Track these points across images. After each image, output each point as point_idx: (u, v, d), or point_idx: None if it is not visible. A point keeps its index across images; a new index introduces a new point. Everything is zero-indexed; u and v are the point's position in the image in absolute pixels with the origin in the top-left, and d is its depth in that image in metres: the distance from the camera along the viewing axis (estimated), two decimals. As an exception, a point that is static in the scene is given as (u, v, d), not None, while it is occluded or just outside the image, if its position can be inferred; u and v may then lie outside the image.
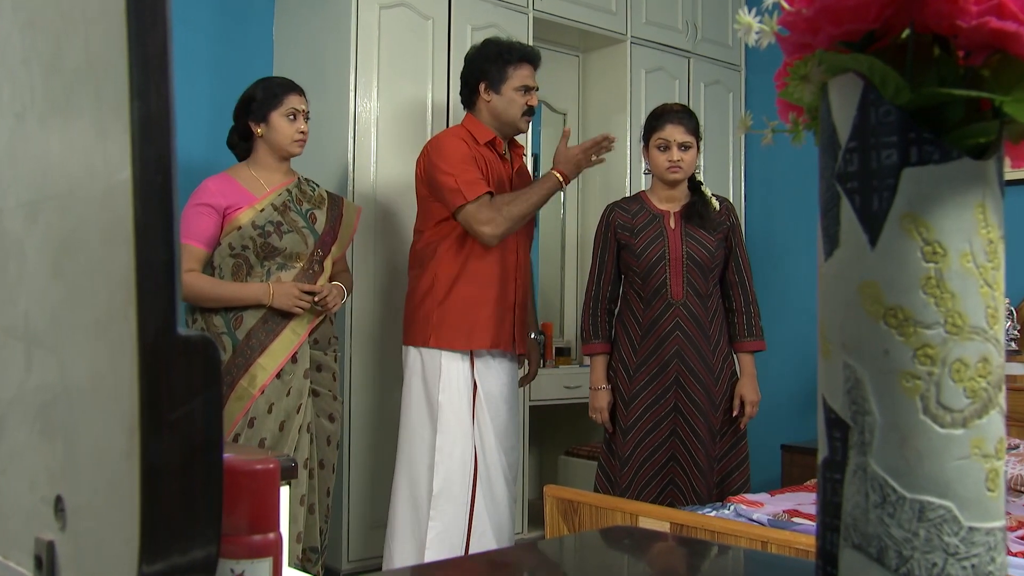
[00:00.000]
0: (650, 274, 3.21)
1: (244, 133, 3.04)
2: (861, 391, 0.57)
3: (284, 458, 1.24)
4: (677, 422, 3.19)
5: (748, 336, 3.33)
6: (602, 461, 3.34)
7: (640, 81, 4.69)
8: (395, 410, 3.72)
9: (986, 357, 0.56)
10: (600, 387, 3.29)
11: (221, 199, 2.92)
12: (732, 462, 3.28)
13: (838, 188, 0.59)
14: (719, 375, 3.24)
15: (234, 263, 2.91)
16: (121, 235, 0.46)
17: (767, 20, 0.64)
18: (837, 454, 0.59)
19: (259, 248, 2.93)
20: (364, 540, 3.63)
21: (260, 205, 2.96)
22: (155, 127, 0.45)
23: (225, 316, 2.89)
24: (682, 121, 3.22)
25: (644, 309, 3.23)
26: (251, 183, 2.99)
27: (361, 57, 3.69)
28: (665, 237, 3.22)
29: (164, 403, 0.45)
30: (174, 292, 0.45)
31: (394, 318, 3.73)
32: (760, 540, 2.17)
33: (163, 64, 0.45)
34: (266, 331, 2.91)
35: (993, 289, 0.56)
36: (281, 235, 2.96)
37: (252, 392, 2.85)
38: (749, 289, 3.35)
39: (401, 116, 3.81)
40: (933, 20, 0.54)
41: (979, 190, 0.56)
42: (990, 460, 0.55)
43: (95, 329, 0.49)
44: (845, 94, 0.59)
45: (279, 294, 2.90)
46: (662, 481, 3.19)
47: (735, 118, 5.11)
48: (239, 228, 2.91)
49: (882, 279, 0.56)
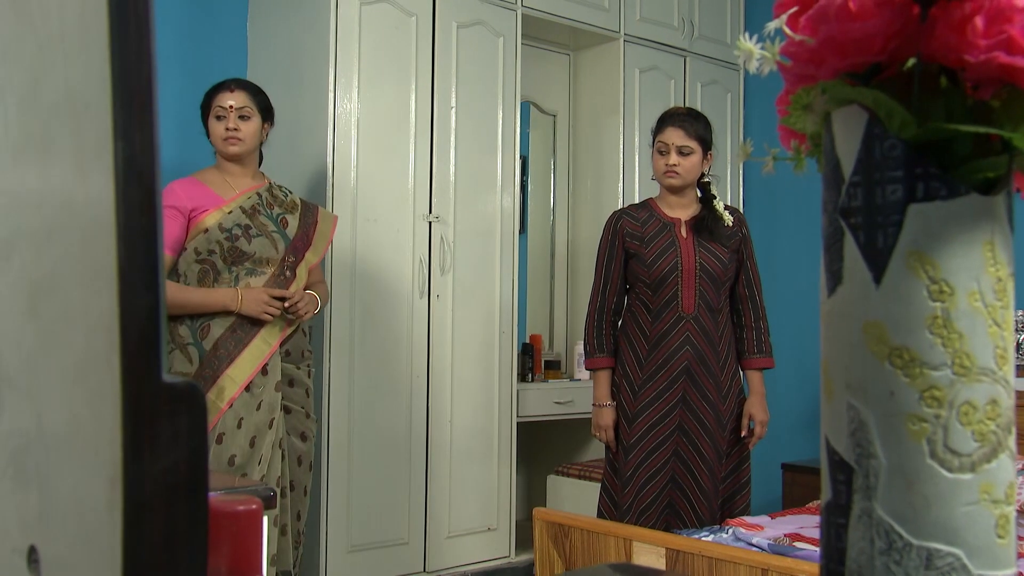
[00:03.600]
0: (661, 285, 3.22)
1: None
2: (866, 433, 0.58)
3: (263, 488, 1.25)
4: (680, 442, 3.19)
5: (758, 353, 3.35)
6: (606, 483, 3.34)
7: (634, 81, 4.72)
8: (375, 428, 3.73)
9: (995, 399, 0.57)
10: (605, 404, 3.30)
11: (187, 201, 2.94)
12: (735, 484, 3.30)
13: (842, 223, 0.60)
14: (727, 393, 3.25)
15: (200, 269, 2.92)
16: (104, 278, 0.46)
17: (769, 47, 0.65)
18: (841, 497, 0.60)
19: (226, 252, 2.93)
20: (342, 565, 3.62)
21: (228, 207, 2.98)
22: (140, 168, 0.46)
23: (191, 326, 2.89)
24: (683, 125, 3.24)
25: (652, 322, 3.24)
26: (219, 186, 3.02)
27: (341, 55, 3.70)
28: (677, 247, 3.23)
29: (148, 453, 0.46)
30: (159, 338, 0.46)
31: (375, 328, 3.74)
32: (761, 567, 2.18)
33: (148, 102, 0.46)
34: (234, 340, 2.90)
35: (1002, 328, 0.58)
36: (250, 239, 2.97)
37: (220, 406, 2.85)
38: (759, 304, 3.37)
39: (383, 117, 3.82)
40: (941, 54, 0.55)
41: (988, 226, 0.57)
42: (1000, 506, 0.57)
43: (74, 374, 0.50)
44: (849, 126, 0.60)
45: (248, 300, 2.90)
46: (662, 503, 3.20)
47: (733, 119, 5.14)
48: (205, 231, 2.92)
49: (887, 318, 0.58)
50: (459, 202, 4.03)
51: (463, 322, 4.03)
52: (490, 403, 4.12)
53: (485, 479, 4.09)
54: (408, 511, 3.83)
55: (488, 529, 4.12)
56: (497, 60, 4.17)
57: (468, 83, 4.06)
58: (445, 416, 3.97)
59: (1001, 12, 0.53)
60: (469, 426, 4.04)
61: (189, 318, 2.90)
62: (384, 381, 3.77)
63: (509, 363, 4.17)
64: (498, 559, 4.16)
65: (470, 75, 4.07)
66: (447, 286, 3.97)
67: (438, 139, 3.97)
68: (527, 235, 4.88)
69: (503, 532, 4.17)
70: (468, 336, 4.05)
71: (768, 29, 0.66)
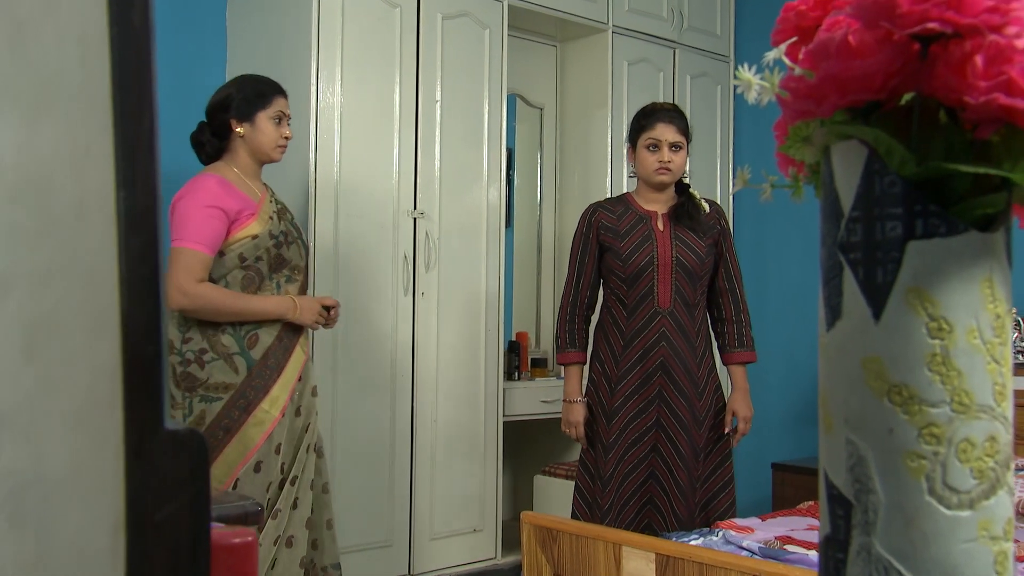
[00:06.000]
0: (636, 280, 3.23)
1: (220, 131, 2.97)
2: (865, 469, 0.60)
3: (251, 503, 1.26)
4: (659, 438, 3.21)
5: (739, 347, 3.37)
6: (579, 483, 3.36)
7: (622, 73, 4.73)
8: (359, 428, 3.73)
9: (993, 436, 0.59)
10: (575, 400, 3.31)
11: (231, 203, 2.86)
12: (717, 483, 3.32)
13: (841, 258, 0.62)
14: (703, 389, 3.27)
15: (244, 275, 2.87)
16: (106, 325, 0.47)
17: (768, 77, 0.66)
18: (840, 532, 0.62)
19: (272, 260, 2.91)
20: None
21: (267, 213, 2.94)
22: (141, 217, 0.47)
23: (235, 335, 2.85)
24: (674, 120, 3.25)
25: (628, 317, 3.26)
26: (246, 189, 2.95)
27: (323, 46, 3.70)
28: (653, 241, 3.25)
29: (151, 501, 0.47)
30: (162, 386, 0.47)
31: (358, 326, 3.75)
32: (751, 573, 2.20)
33: (150, 151, 0.47)
34: (282, 349, 2.90)
35: (1000, 365, 0.59)
36: (288, 246, 2.96)
37: (274, 415, 2.84)
38: (740, 297, 3.38)
39: (367, 111, 3.82)
40: (941, 93, 0.57)
41: (987, 264, 0.59)
42: (998, 542, 0.58)
43: (75, 418, 0.51)
44: (849, 161, 0.61)
45: (305, 309, 2.92)
46: (640, 501, 3.22)
47: (723, 112, 5.16)
48: (254, 237, 2.88)
49: (886, 355, 0.59)
50: (444, 196, 4.03)
51: (448, 319, 4.05)
52: (476, 402, 4.13)
53: (471, 479, 4.11)
54: (392, 512, 3.84)
55: (474, 530, 4.14)
56: (483, 52, 4.18)
57: (453, 76, 4.06)
58: (430, 416, 3.98)
59: (1001, 52, 0.55)
60: (454, 426, 4.05)
61: (232, 327, 2.83)
62: (368, 380, 3.78)
63: (495, 361, 4.19)
64: (484, 561, 4.18)
65: (455, 67, 4.07)
66: (432, 283, 3.98)
67: (423, 133, 3.97)
68: (513, 230, 4.89)
69: (489, 533, 4.19)
70: (453, 334, 4.06)
71: (767, 59, 0.68)
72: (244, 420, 2.80)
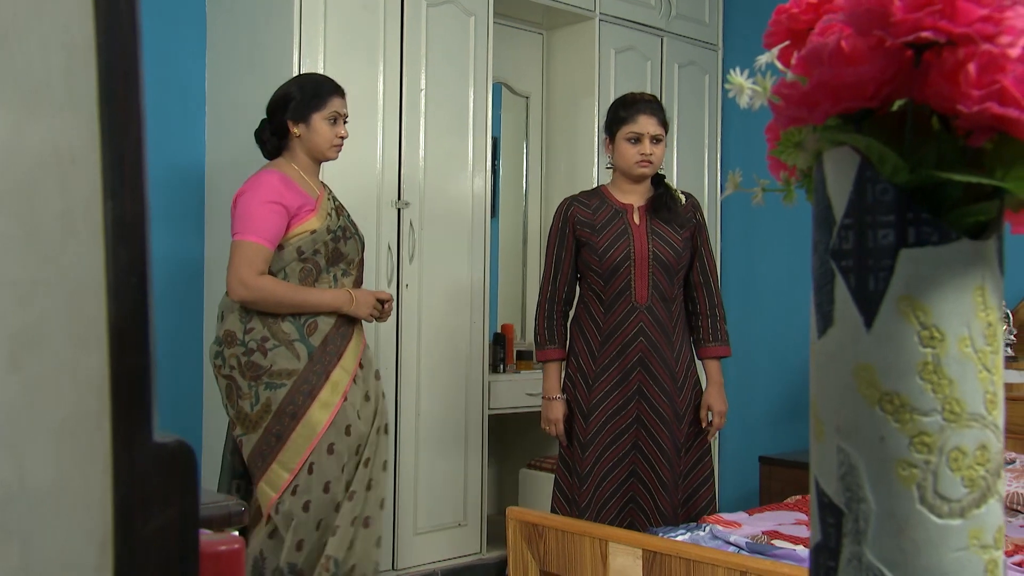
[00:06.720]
0: (613, 275, 3.24)
1: (279, 130, 3.09)
2: (856, 477, 0.61)
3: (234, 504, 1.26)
4: (639, 435, 3.23)
5: (714, 341, 3.38)
6: (558, 479, 3.37)
7: (609, 61, 4.73)
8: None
9: (985, 444, 0.59)
10: (554, 396, 3.32)
11: (292, 198, 2.98)
12: (698, 478, 3.33)
13: (832, 265, 0.62)
14: (682, 384, 3.28)
15: (302, 268, 2.99)
16: (93, 338, 0.47)
17: (761, 81, 0.67)
18: (831, 540, 0.62)
19: (330, 254, 3.03)
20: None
21: (326, 209, 3.06)
22: (130, 227, 0.47)
23: (295, 322, 2.96)
24: (655, 112, 3.26)
25: (605, 313, 3.26)
26: (306, 186, 3.07)
27: (305, 35, 3.68)
28: (630, 235, 3.25)
29: (139, 516, 0.47)
30: (151, 399, 0.47)
31: (341, 321, 3.74)
32: (739, 570, 2.22)
33: (138, 161, 0.47)
34: (340, 336, 3.02)
35: (992, 373, 0.60)
36: (345, 240, 3.08)
37: (336, 400, 2.96)
38: (715, 291, 3.39)
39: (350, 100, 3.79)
40: (934, 101, 0.57)
41: (978, 272, 0.59)
42: (989, 551, 0.59)
43: (61, 431, 0.51)
44: (841, 167, 0.62)
45: (361, 302, 3.04)
46: (622, 498, 3.23)
47: (711, 102, 5.16)
48: (313, 232, 3.00)
49: (878, 363, 0.60)
50: (428, 186, 4.03)
51: (432, 311, 4.05)
52: (460, 395, 4.14)
53: (455, 473, 4.12)
54: (376, 507, 3.84)
55: (458, 525, 4.14)
56: (468, 40, 4.17)
57: (438, 64, 4.06)
58: (413, 408, 3.98)
59: (994, 61, 0.55)
60: (438, 419, 4.06)
61: (291, 315, 2.96)
62: (351, 373, 3.77)
63: (480, 353, 4.19)
64: (468, 555, 4.19)
65: (440, 55, 4.07)
66: (415, 274, 3.98)
67: (407, 122, 3.96)
68: (499, 220, 4.89)
69: (473, 528, 4.20)
70: (437, 325, 4.07)
71: (759, 63, 0.68)
72: (309, 405, 2.91)
